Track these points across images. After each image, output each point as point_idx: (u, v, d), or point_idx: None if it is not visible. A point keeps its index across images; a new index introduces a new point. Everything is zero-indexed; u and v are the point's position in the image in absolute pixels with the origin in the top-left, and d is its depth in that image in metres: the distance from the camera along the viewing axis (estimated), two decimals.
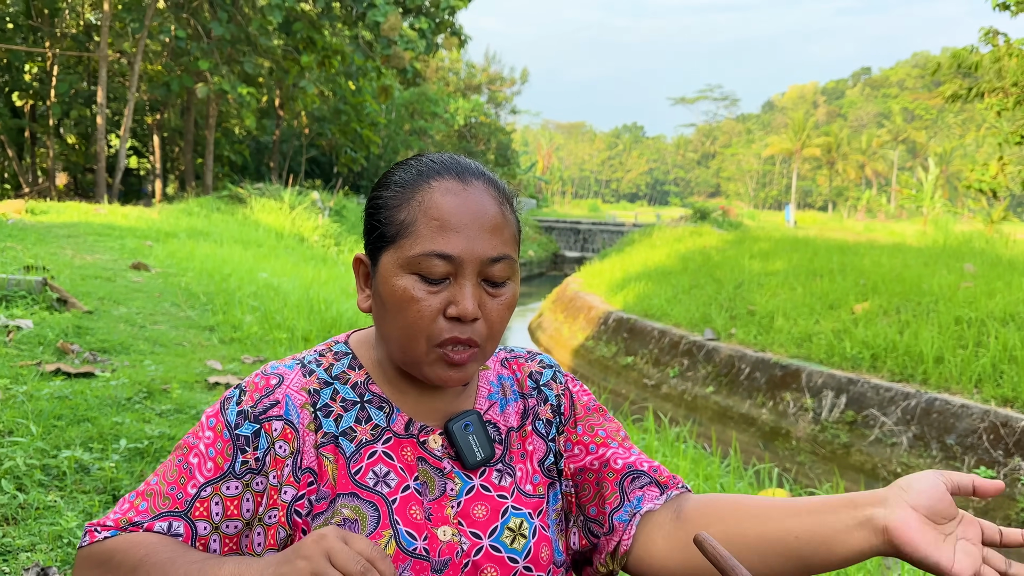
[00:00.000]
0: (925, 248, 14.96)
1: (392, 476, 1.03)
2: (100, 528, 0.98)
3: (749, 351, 9.86)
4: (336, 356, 1.10)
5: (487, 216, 1.00)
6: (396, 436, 1.06)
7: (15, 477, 2.70)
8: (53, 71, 23.06)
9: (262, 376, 1.05)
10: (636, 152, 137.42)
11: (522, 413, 1.15)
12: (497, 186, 1.05)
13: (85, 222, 12.44)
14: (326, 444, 1.02)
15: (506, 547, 1.04)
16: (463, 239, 0.98)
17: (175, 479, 0.99)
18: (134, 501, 1.00)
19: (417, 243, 0.98)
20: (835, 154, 72.06)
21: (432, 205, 0.99)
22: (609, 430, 1.16)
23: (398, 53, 21.44)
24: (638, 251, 19.04)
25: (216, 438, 1.00)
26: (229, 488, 0.99)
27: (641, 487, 1.10)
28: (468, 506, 1.05)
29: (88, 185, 25.59)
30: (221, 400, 1.04)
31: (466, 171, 1.03)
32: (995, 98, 15.84)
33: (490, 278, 1.01)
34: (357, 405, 1.06)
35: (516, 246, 1.05)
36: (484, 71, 53.38)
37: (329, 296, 8.01)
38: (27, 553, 2.27)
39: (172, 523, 0.97)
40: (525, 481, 1.10)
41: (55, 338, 4.72)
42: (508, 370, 1.19)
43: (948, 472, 0.90)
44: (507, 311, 1.03)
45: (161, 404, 3.72)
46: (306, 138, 30.27)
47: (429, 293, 0.98)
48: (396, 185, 1.04)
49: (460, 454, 1.06)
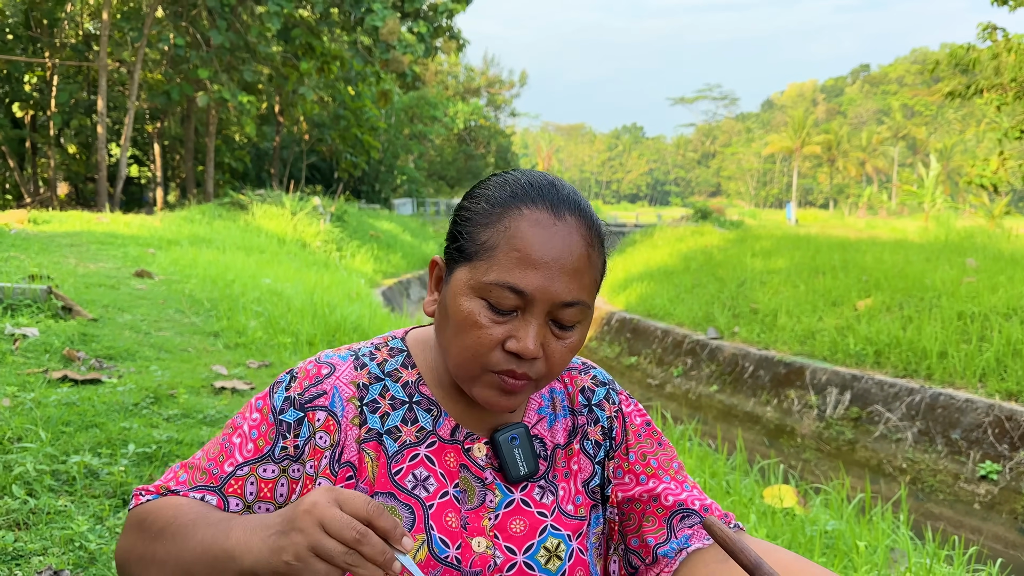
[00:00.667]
0: (927, 244, 14.96)
1: (432, 481, 1.02)
2: (144, 492, 1.02)
3: (752, 349, 9.87)
4: (391, 352, 1.09)
5: (571, 258, 0.96)
6: (441, 440, 1.04)
7: (25, 483, 2.72)
8: (53, 81, 23.11)
9: (315, 364, 1.05)
10: (636, 153, 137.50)
11: (570, 431, 1.12)
12: (590, 225, 1.00)
13: (88, 231, 12.46)
14: (369, 440, 1.02)
15: (540, 566, 1.02)
16: (540, 277, 0.94)
17: (216, 456, 1.02)
18: (177, 472, 1.03)
19: (493, 270, 0.95)
20: (835, 152, 72.06)
21: (517, 235, 0.95)
22: (661, 459, 1.13)
23: (397, 57, 21.48)
24: (640, 251, 19.06)
25: (261, 420, 1.01)
26: (266, 471, 1.00)
27: (690, 526, 1.07)
28: (506, 519, 1.03)
29: (89, 194, 25.65)
30: (272, 384, 1.05)
31: (561, 204, 0.98)
32: (994, 94, 15.85)
33: (559, 320, 0.97)
34: (405, 405, 1.05)
35: (594, 292, 1.01)
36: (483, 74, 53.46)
37: (333, 300, 8.02)
38: (39, 557, 2.29)
39: (206, 496, 0.99)
40: (567, 501, 1.08)
41: (61, 346, 4.74)
42: (560, 383, 1.16)
43: None
44: (570, 354, 1.00)
45: (168, 409, 3.73)
46: (306, 144, 30.32)
47: (494, 322, 0.96)
48: (487, 201, 1.00)
49: (504, 466, 1.04)
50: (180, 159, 29.09)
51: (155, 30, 21.48)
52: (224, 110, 24.66)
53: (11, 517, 2.49)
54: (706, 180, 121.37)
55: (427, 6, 23.05)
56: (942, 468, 7.07)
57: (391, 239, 21.72)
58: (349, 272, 14.05)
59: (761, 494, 4.13)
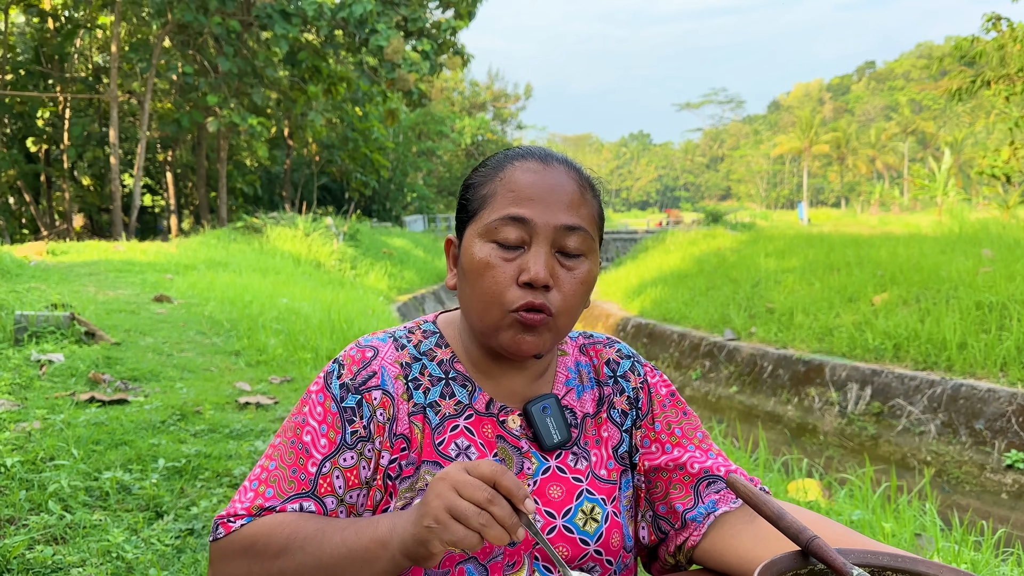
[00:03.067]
0: (941, 236, 14.86)
1: (473, 450, 1.07)
2: (233, 518, 1.01)
3: (771, 348, 9.84)
4: (425, 334, 1.15)
5: (564, 191, 1.04)
6: (477, 414, 1.10)
7: (60, 499, 2.78)
8: (65, 115, 23.45)
9: (357, 349, 1.10)
10: (644, 160, 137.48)
11: (598, 400, 1.17)
12: (579, 172, 1.09)
13: (105, 260, 12.62)
14: (416, 413, 1.07)
15: (579, 529, 1.07)
16: (538, 206, 1.02)
17: (294, 460, 1.03)
18: (258, 489, 1.03)
19: (495, 211, 1.03)
20: (844, 150, 71.81)
21: (512, 179, 1.04)
22: (686, 428, 1.17)
23: (403, 76, 21.64)
24: (652, 257, 19.05)
25: (326, 413, 1.05)
26: (346, 460, 1.03)
27: (717, 492, 1.12)
28: (544, 486, 1.08)
29: (105, 225, 25.93)
30: (323, 375, 1.09)
31: (550, 155, 1.08)
32: (1002, 85, 15.79)
33: (564, 249, 1.03)
34: (442, 381, 1.10)
35: (595, 225, 1.07)
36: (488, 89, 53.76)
37: (350, 316, 8.09)
38: (78, 569, 2.34)
39: (303, 503, 1.01)
40: (600, 467, 1.13)
41: (86, 369, 4.81)
42: (586, 357, 1.21)
43: None
44: (581, 286, 1.05)
45: (195, 425, 3.79)
46: (316, 166, 30.56)
47: (504, 260, 1.02)
48: (484, 167, 1.10)
49: (538, 435, 1.09)
50: (192, 186, 29.37)
51: (163, 60, 21.78)
52: (235, 135, 24.92)
53: (49, 532, 2.54)
54: (716, 184, 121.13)
55: (430, 24, 23.22)
56: (967, 459, 7.02)
57: (404, 256, 21.82)
58: (364, 290, 14.14)
59: (786, 488, 4.14)
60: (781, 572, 0.80)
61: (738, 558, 1.05)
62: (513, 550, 1.04)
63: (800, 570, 0.82)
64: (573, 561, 1.07)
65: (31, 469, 3.02)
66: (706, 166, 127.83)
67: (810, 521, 1.01)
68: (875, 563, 0.83)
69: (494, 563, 1.03)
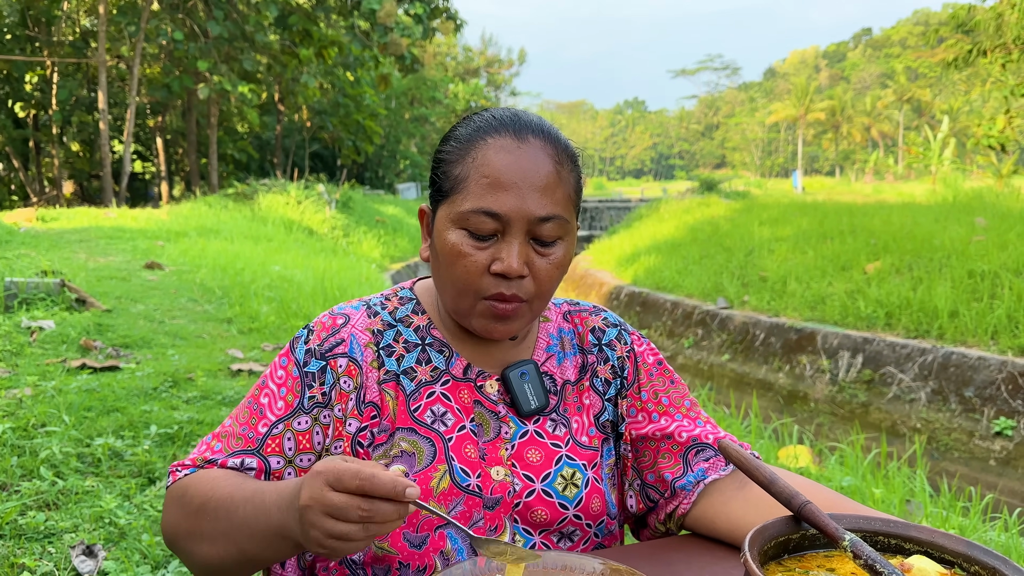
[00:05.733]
0: (935, 205, 14.87)
1: (449, 416, 1.06)
2: (180, 468, 1.03)
3: (763, 317, 9.87)
4: (401, 300, 1.14)
5: (539, 175, 0.99)
6: (454, 379, 1.09)
7: (52, 465, 2.77)
8: (53, 80, 23.11)
9: (329, 316, 1.09)
10: (639, 128, 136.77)
11: (580, 368, 1.16)
12: (556, 143, 1.03)
13: (96, 226, 12.52)
14: (388, 381, 1.06)
15: (558, 493, 1.07)
16: (512, 197, 0.98)
17: (247, 419, 1.04)
18: (210, 443, 1.05)
19: (468, 199, 0.99)
20: (839, 117, 71.50)
21: (485, 163, 1.00)
22: (673, 397, 1.17)
23: (395, 40, 21.37)
24: (646, 225, 19.01)
25: (287, 377, 1.05)
26: (300, 424, 1.03)
27: (706, 459, 1.11)
28: (522, 449, 1.08)
29: (94, 192, 25.72)
30: (291, 340, 1.09)
31: (524, 128, 1.02)
32: (998, 54, 15.69)
33: (539, 237, 1.01)
34: (418, 347, 1.09)
35: (571, 206, 1.04)
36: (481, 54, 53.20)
37: (343, 283, 8.07)
38: (71, 534, 2.34)
39: (245, 459, 1.02)
40: (581, 433, 1.12)
41: (77, 336, 4.79)
42: (570, 323, 1.20)
43: None
44: (556, 270, 1.03)
45: (187, 392, 3.78)
46: (308, 132, 30.27)
47: (476, 249, 1.00)
48: (455, 140, 1.05)
49: (515, 401, 1.09)
50: (183, 153, 29.11)
51: (152, 24, 21.42)
52: (225, 101, 24.63)
53: (41, 498, 2.54)
54: (710, 152, 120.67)
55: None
56: (956, 426, 7.08)
57: (397, 223, 21.74)
58: (357, 257, 14.10)
59: (776, 455, 4.17)
60: (773, 537, 0.80)
61: (729, 524, 1.05)
62: (493, 514, 1.04)
63: (792, 535, 0.82)
64: (552, 524, 1.06)
65: (22, 435, 3.02)
66: (701, 134, 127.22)
67: (802, 487, 1.01)
68: (867, 528, 0.83)
69: (476, 528, 1.03)
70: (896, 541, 0.83)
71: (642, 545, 1.09)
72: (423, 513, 1.01)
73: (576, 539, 1.09)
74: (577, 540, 1.09)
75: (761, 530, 0.79)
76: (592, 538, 1.10)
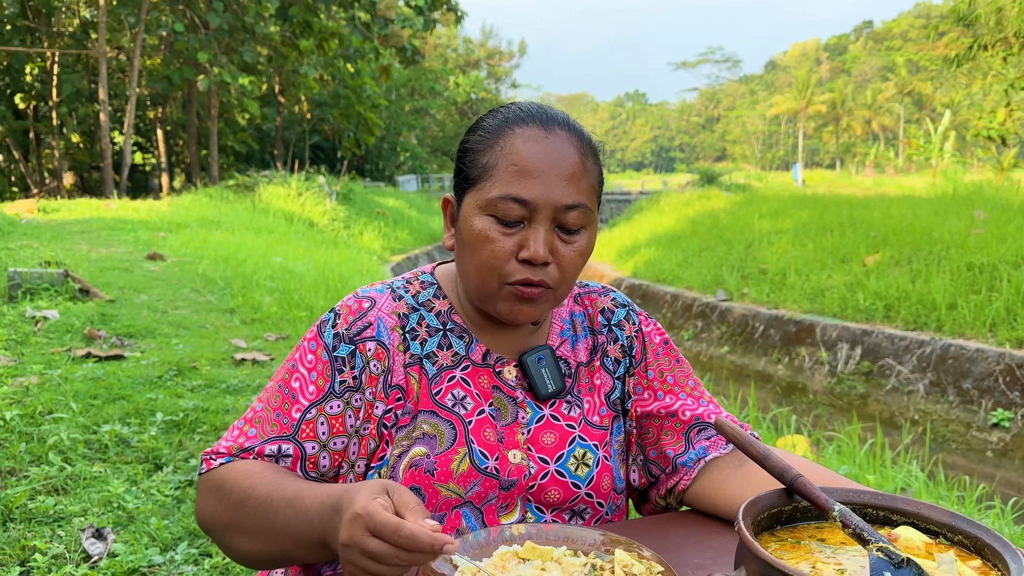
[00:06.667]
0: (935, 198, 14.88)
1: (468, 400, 1.10)
2: (215, 456, 1.04)
3: (762, 309, 9.90)
4: (423, 285, 1.17)
5: (566, 164, 1.03)
6: (474, 364, 1.12)
7: (60, 451, 2.81)
8: (54, 71, 23.07)
9: (355, 300, 1.11)
10: (640, 120, 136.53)
11: (591, 349, 1.20)
12: (581, 137, 1.07)
13: (97, 218, 12.55)
14: (413, 364, 1.09)
15: (570, 473, 1.10)
16: (539, 185, 1.01)
17: (279, 404, 1.06)
18: (243, 428, 1.06)
19: (496, 186, 1.02)
20: (840, 110, 71.38)
21: (513, 151, 1.02)
22: (678, 376, 1.21)
23: (396, 32, 21.36)
24: (646, 218, 19.03)
25: (316, 361, 1.07)
26: (332, 408, 1.05)
27: (708, 438, 1.15)
28: (538, 433, 1.11)
29: (95, 183, 25.70)
30: (317, 324, 1.10)
31: (551, 120, 1.05)
32: (999, 48, 15.69)
33: (564, 225, 1.04)
34: (440, 332, 1.12)
35: (594, 197, 1.07)
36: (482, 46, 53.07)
37: (344, 275, 8.10)
38: (79, 518, 2.38)
39: (281, 446, 1.03)
40: (593, 413, 1.16)
41: (81, 326, 4.83)
42: (580, 306, 1.23)
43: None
44: (580, 258, 1.06)
45: (192, 380, 3.82)
46: (308, 124, 30.23)
47: (503, 235, 1.03)
48: (483, 131, 1.08)
49: (533, 385, 1.12)
50: (183, 144, 29.07)
51: (152, 15, 21.38)
52: (225, 93, 24.60)
53: (50, 483, 2.58)
54: (711, 145, 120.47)
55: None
56: (954, 418, 7.13)
57: (397, 216, 21.75)
58: (358, 249, 14.13)
59: (774, 444, 4.21)
60: (766, 508, 0.83)
61: (727, 501, 1.09)
62: (507, 494, 1.07)
63: (784, 507, 0.85)
64: (565, 503, 1.10)
65: (30, 422, 3.06)
66: (702, 127, 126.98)
67: (796, 464, 1.05)
68: (856, 500, 0.86)
69: (488, 506, 1.07)
70: (884, 513, 0.86)
71: (642, 520, 1.13)
72: (443, 494, 1.04)
73: (587, 517, 1.13)
74: (588, 518, 1.13)
75: (755, 501, 0.82)
76: (603, 516, 1.14)
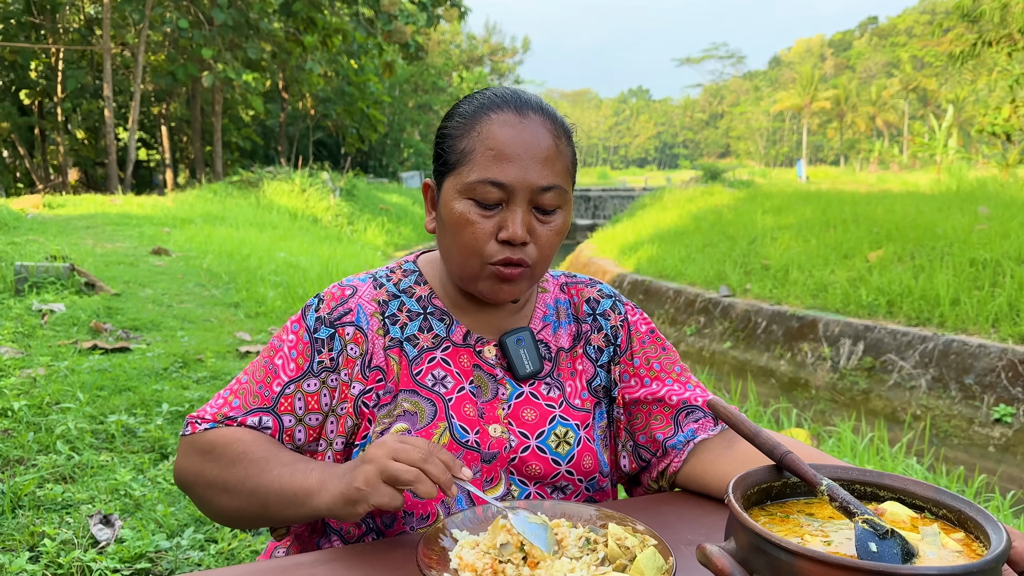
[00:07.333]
0: (939, 194, 14.87)
1: (449, 379, 1.14)
2: (200, 420, 1.12)
3: (765, 305, 9.91)
4: (405, 272, 1.23)
5: (540, 148, 1.07)
6: (454, 345, 1.17)
7: (68, 441, 2.85)
8: (58, 67, 23.13)
9: (338, 287, 1.18)
10: (644, 117, 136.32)
11: (574, 336, 1.24)
12: (554, 120, 1.11)
13: (102, 213, 12.60)
14: (392, 347, 1.14)
15: (551, 450, 1.14)
16: (516, 168, 1.06)
17: (262, 378, 1.13)
18: (228, 398, 1.13)
19: (474, 171, 1.07)
20: (844, 107, 71.22)
21: (489, 136, 1.07)
22: (664, 363, 1.25)
23: (399, 28, 21.36)
24: (649, 214, 19.03)
25: (297, 341, 1.13)
26: (309, 385, 1.12)
27: (696, 420, 1.19)
28: (518, 409, 1.15)
29: (100, 179, 25.76)
30: (303, 308, 1.17)
31: (525, 105, 1.10)
32: (1004, 44, 15.65)
33: (541, 206, 1.09)
34: (420, 316, 1.17)
35: (568, 177, 1.12)
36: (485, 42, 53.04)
37: (348, 270, 8.13)
38: (87, 505, 2.42)
39: (262, 418, 1.11)
40: (574, 396, 1.20)
41: (87, 319, 4.87)
42: (566, 295, 1.28)
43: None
44: (556, 237, 1.11)
45: (197, 372, 3.86)
46: (312, 120, 30.26)
47: (483, 217, 1.07)
48: (460, 116, 1.12)
49: (512, 365, 1.16)
50: (187, 140, 29.13)
51: (156, 11, 21.42)
52: (229, 89, 24.65)
53: (57, 471, 2.62)
54: (715, 141, 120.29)
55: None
56: (956, 413, 7.14)
57: (401, 212, 21.78)
58: (362, 245, 14.16)
59: None
60: (756, 484, 0.86)
61: (718, 480, 1.12)
62: (490, 467, 1.11)
63: (774, 482, 0.88)
64: (546, 478, 1.14)
65: (38, 413, 3.09)
66: (705, 123, 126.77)
67: (787, 443, 1.07)
68: (844, 477, 0.89)
69: (474, 480, 1.11)
70: (871, 489, 0.89)
71: (635, 499, 1.16)
72: None
73: (568, 492, 1.16)
74: (569, 493, 1.16)
75: (745, 476, 0.85)
76: (584, 492, 1.17)
